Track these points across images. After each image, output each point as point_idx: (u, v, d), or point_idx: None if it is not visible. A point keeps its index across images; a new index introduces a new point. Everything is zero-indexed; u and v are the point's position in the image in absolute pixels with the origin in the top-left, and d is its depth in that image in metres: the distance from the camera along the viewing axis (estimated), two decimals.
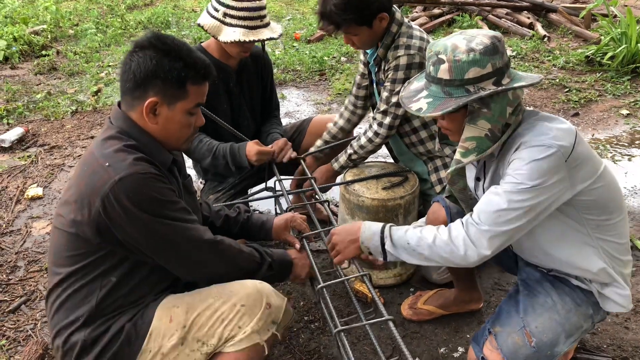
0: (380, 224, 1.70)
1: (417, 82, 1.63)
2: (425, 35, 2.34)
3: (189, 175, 1.72)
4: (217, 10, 2.35)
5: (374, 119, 2.43)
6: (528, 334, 1.61)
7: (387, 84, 2.33)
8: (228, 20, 2.33)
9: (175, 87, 1.46)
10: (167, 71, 1.44)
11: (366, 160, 2.62)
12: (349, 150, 2.51)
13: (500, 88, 1.47)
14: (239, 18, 2.32)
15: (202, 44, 2.54)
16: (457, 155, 1.57)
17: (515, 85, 1.48)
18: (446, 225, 1.75)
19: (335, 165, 2.56)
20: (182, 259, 1.51)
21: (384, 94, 2.36)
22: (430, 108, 1.50)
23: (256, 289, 1.56)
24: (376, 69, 2.43)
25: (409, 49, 2.25)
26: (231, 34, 2.32)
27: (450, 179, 1.66)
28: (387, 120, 2.37)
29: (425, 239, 1.58)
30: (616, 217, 1.59)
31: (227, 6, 2.31)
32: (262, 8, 2.35)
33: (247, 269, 1.62)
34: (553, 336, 1.61)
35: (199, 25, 2.40)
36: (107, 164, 1.40)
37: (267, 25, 2.39)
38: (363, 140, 2.45)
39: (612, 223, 1.59)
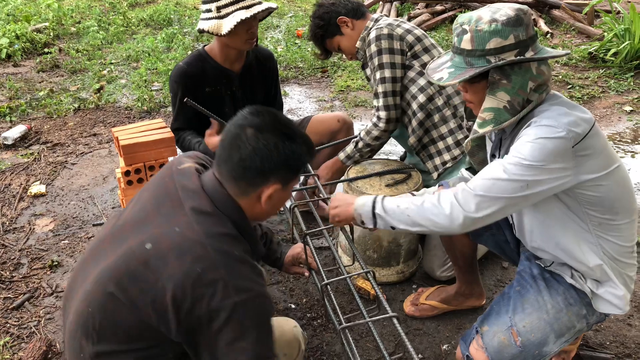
0: (375, 195, 1.70)
1: (446, 56, 1.62)
2: (400, 19, 2.50)
3: None
4: (209, 10, 2.35)
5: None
6: (514, 333, 1.60)
7: (369, 63, 2.45)
8: (223, 12, 2.33)
9: (296, 171, 1.40)
10: (296, 159, 1.36)
11: (369, 159, 2.62)
12: (356, 139, 2.55)
13: (517, 58, 1.44)
14: (233, 3, 2.32)
15: (205, 47, 2.54)
16: (475, 126, 1.56)
17: (535, 56, 1.45)
18: None
19: (341, 155, 2.59)
20: None
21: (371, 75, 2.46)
22: (450, 77, 1.50)
23: (294, 336, 1.61)
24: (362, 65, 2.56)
25: (379, 26, 2.40)
26: (231, 21, 2.31)
27: (470, 150, 1.63)
28: (381, 101, 2.43)
29: (415, 202, 1.57)
30: (622, 219, 1.56)
31: None
32: None
33: None
34: (541, 336, 1.60)
35: (199, 30, 2.40)
36: (228, 277, 1.24)
37: (260, 3, 2.40)
38: (369, 125, 2.51)
39: (617, 224, 1.56)
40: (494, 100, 1.50)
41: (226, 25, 2.31)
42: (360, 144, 2.51)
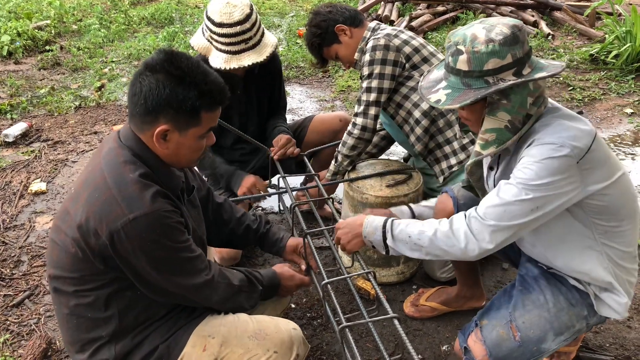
0: (383, 218, 1.68)
1: (437, 71, 1.60)
2: (398, 28, 2.45)
3: (194, 186, 1.69)
4: (206, 31, 2.35)
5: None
6: (514, 328, 1.61)
7: (361, 71, 2.42)
8: (214, 43, 2.34)
9: (188, 116, 1.39)
10: (181, 101, 1.37)
11: (370, 159, 2.61)
12: (335, 153, 2.52)
13: (519, 80, 1.43)
14: (222, 43, 2.31)
15: None
16: (476, 147, 1.54)
17: (536, 76, 1.44)
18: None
19: (328, 175, 2.55)
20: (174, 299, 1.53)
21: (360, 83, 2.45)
22: (449, 100, 1.48)
23: (290, 337, 1.58)
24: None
25: (377, 36, 2.36)
26: (215, 60, 2.33)
27: (470, 170, 1.62)
28: (361, 108, 2.39)
29: (426, 232, 1.56)
30: (626, 225, 1.56)
31: (211, 31, 2.31)
32: (245, 31, 2.30)
33: (238, 305, 1.63)
34: (540, 332, 1.60)
35: (191, 46, 2.41)
36: (121, 197, 1.35)
37: (254, 46, 2.36)
38: (344, 136, 2.47)
39: (621, 230, 1.56)
40: (495, 120, 1.49)
41: (212, 57, 2.35)
42: (339, 157, 2.48)
